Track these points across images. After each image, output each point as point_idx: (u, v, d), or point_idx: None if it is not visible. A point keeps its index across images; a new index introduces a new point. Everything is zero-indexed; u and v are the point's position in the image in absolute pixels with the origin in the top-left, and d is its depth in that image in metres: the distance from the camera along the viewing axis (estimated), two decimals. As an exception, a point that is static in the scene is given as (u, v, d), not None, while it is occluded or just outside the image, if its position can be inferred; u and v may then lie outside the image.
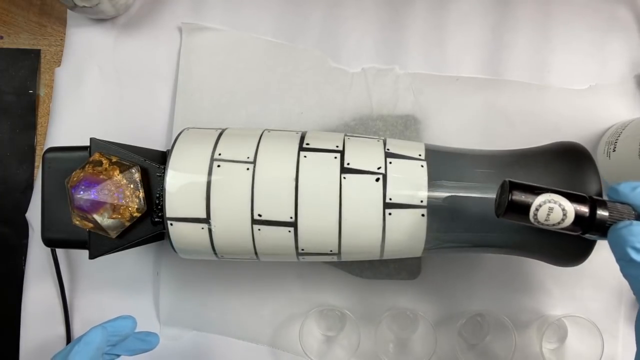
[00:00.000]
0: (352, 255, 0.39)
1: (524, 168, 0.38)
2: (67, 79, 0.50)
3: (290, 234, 0.36)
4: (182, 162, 0.37)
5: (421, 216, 0.36)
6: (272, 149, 0.38)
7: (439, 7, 0.50)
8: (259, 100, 0.49)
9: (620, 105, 0.48)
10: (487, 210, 0.35)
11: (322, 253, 0.38)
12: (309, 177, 0.36)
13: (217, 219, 0.36)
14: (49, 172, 0.41)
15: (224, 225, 0.36)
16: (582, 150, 0.37)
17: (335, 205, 0.36)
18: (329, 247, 0.37)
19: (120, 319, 0.39)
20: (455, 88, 0.49)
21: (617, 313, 0.46)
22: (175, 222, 0.37)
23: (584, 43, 0.49)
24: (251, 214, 0.36)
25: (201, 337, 0.48)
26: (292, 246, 0.37)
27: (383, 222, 0.36)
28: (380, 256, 0.39)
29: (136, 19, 0.51)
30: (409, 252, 0.38)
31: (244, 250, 0.38)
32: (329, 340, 0.47)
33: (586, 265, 0.46)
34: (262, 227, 0.36)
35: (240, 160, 0.37)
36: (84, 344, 0.35)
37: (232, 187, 0.36)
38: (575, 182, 0.36)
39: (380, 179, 0.36)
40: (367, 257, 0.40)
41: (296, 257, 0.39)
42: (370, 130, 0.48)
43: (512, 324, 0.44)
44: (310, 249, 0.38)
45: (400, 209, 0.36)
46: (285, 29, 0.50)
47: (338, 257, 0.39)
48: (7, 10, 0.52)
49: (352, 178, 0.36)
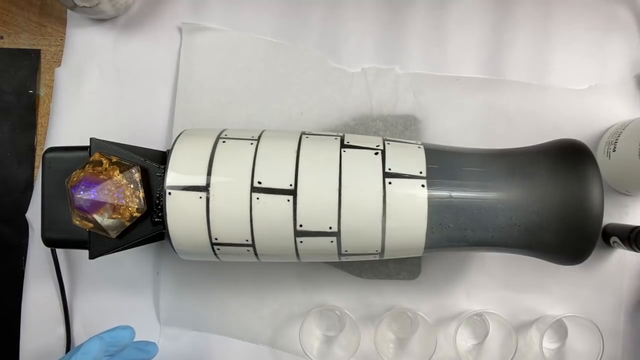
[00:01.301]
0: (352, 235, 0.37)
1: (524, 164, 0.38)
2: (67, 79, 0.50)
3: (289, 203, 0.36)
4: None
5: (421, 187, 0.36)
6: (276, 136, 0.39)
7: (438, 7, 0.50)
8: (259, 100, 0.49)
9: (620, 105, 0.48)
10: (487, 206, 0.35)
11: (321, 232, 0.37)
12: (310, 149, 0.37)
13: (217, 188, 0.36)
14: (49, 172, 0.41)
15: (222, 194, 0.36)
16: (583, 147, 0.37)
17: (335, 175, 0.36)
18: (329, 222, 0.36)
19: (119, 329, 0.39)
20: (455, 88, 0.49)
21: (617, 313, 0.46)
22: (174, 191, 0.37)
23: (584, 43, 0.49)
24: (251, 181, 0.36)
25: (201, 337, 0.48)
26: (290, 217, 0.36)
27: (383, 190, 0.36)
28: (382, 236, 0.37)
29: (136, 19, 0.51)
30: (411, 229, 0.37)
31: (241, 227, 0.37)
32: (329, 340, 0.47)
33: (586, 265, 0.46)
34: (261, 196, 0.36)
35: (244, 137, 0.38)
36: (81, 354, 0.35)
37: (235, 158, 0.37)
38: (576, 178, 0.36)
39: (380, 153, 0.37)
40: (368, 240, 0.37)
41: (293, 238, 0.37)
42: (370, 130, 0.48)
43: (512, 324, 0.44)
44: (309, 225, 0.36)
45: (400, 179, 0.36)
46: (285, 29, 0.50)
47: (337, 238, 0.37)
48: (7, 10, 0.52)
49: (352, 151, 0.37)
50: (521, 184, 0.36)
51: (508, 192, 0.36)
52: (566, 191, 0.35)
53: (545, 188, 0.36)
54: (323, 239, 0.37)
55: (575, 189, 0.35)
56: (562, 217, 0.35)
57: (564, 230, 0.36)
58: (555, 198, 0.35)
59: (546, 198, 0.36)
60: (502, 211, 0.36)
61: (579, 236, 0.35)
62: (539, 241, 0.37)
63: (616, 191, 0.46)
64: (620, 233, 0.43)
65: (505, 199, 0.36)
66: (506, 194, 0.36)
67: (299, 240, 0.37)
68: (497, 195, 0.36)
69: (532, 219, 0.36)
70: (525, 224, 0.36)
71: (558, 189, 0.36)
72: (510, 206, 0.36)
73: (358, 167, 0.36)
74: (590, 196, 0.35)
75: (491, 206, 0.34)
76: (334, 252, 0.38)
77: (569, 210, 0.35)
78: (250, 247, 0.38)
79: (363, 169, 0.37)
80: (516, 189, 0.36)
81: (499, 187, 0.36)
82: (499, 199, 0.36)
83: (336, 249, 0.38)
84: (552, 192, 0.36)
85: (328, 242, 0.37)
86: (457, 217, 0.36)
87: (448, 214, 0.36)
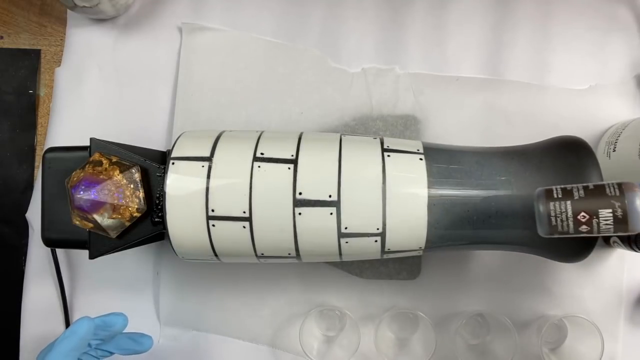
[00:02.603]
0: (352, 205, 0.36)
1: (524, 161, 0.38)
2: (67, 79, 0.50)
3: (289, 171, 0.36)
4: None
5: (419, 160, 0.37)
6: (276, 137, 0.40)
7: (438, 7, 0.50)
8: (259, 100, 0.49)
9: (620, 105, 0.48)
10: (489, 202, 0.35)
11: (320, 200, 0.36)
12: (311, 135, 0.39)
13: (219, 158, 0.37)
14: (49, 172, 0.41)
15: (224, 164, 0.37)
16: (582, 143, 0.38)
17: (336, 149, 0.38)
18: (329, 191, 0.36)
19: (112, 315, 0.39)
20: (455, 88, 0.49)
21: (617, 313, 0.46)
22: (177, 161, 0.37)
23: (584, 43, 0.49)
24: (254, 152, 0.37)
25: (201, 337, 0.48)
26: (290, 185, 0.36)
27: (382, 162, 0.37)
28: (383, 209, 0.36)
29: (136, 19, 0.51)
30: (412, 203, 0.36)
31: (240, 197, 0.36)
32: (329, 340, 0.47)
33: (586, 265, 0.46)
34: (262, 164, 0.37)
35: (243, 138, 0.39)
36: (70, 332, 0.37)
37: (238, 133, 0.40)
38: (576, 172, 0.36)
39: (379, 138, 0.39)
40: (369, 212, 0.36)
41: (292, 208, 0.36)
42: (370, 130, 0.48)
43: (512, 324, 0.44)
44: (309, 194, 0.36)
45: (398, 153, 0.38)
46: (285, 29, 0.50)
47: (337, 210, 0.36)
48: (7, 10, 0.52)
49: (351, 137, 0.40)
50: (522, 180, 0.36)
51: (508, 189, 0.36)
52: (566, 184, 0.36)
53: (545, 183, 0.36)
54: (322, 211, 0.36)
55: (576, 182, 0.35)
56: None
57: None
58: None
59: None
60: (502, 208, 0.36)
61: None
62: (540, 239, 0.37)
63: (616, 191, 0.46)
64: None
65: (503, 195, 0.36)
66: (506, 190, 0.36)
67: (297, 212, 0.36)
68: (496, 192, 0.36)
69: (532, 215, 0.36)
70: (525, 220, 0.36)
71: (558, 184, 0.36)
72: (510, 202, 0.36)
73: (358, 148, 0.38)
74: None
75: (491, 203, 0.34)
76: (334, 228, 0.37)
77: None
78: (247, 222, 0.37)
79: (363, 148, 0.39)
80: (517, 185, 0.36)
81: (499, 184, 0.36)
82: (498, 196, 0.36)
83: (335, 224, 0.37)
84: (551, 185, 0.36)
85: (327, 214, 0.36)
86: (456, 213, 0.36)
87: (448, 210, 0.36)
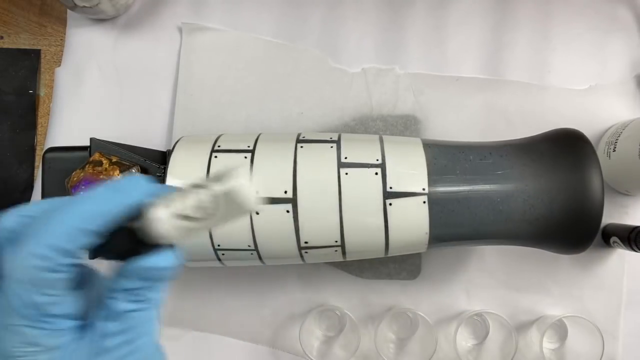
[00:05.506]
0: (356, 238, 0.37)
1: (523, 153, 0.38)
2: (67, 79, 0.50)
3: (289, 214, 0.36)
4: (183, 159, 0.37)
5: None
6: (272, 139, 0.39)
7: (438, 7, 0.50)
8: (259, 100, 0.49)
9: (620, 105, 0.48)
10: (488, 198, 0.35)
11: (326, 246, 0.37)
12: (307, 165, 0.37)
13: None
14: (49, 172, 0.41)
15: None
16: (579, 134, 0.38)
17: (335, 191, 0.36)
18: (334, 237, 0.36)
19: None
20: (455, 88, 0.49)
21: (617, 313, 0.46)
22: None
23: (584, 43, 0.49)
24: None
25: (201, 337, 0.48)
26: (292, 229, 0.36)
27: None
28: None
29: (136, 19, 0.51)
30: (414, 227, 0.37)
31: (243, 234, 0.36)
32: (329, 340, 0.47)
33: (586, 265, 0.46)
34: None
35: (239, 149, 0.38)
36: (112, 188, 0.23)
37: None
38: (575, 161, 0.36)
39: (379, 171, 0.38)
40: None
41: (298, 250, 0.37)
42: (370, 130, 0.48)
43: (512, 324, 0.44)
44: (314, 241, 0.37)
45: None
46: (285, 29, 0.50)
47: (342, 249, 0.37)
48: (7, 10, 0.52)
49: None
50: (521, 172, 0.37)
51: (506, 182, 0.36)
52: (566, 175, 0.36)
53: (544, 174, 0.36)
54: (328, 250, 0.38)
55: (575, 173, 0.36)
56: (564, 202, 0.36)
57: (565, 215, 0.36)
58: (556, 184, 0.36)
59: (546, 184, 0.36)
60: (502, 201, 0.36)
61: (580, 220, 0.35)
62: (541, 229, 0.37)
63: (616, 191, 0.46)
64: (620, 233, 0.43)
65: (501, 189, 0.36)
66: (504, 184, 0.36)
67: (304, 252, 0.38)
68: (495, 186, 0.36)
69: (534, 206, 0.36)
70: (526, 212, 0.36)
71: (558, 174, 0.36)
72: (510, 195, 0.36)
73: (358, 187, 0.36)
74: (590, 178, 0.35)
75: (491, 197, 0.34)
76: (339, 257, 0.39)
77: (569, 194, 0.35)
78: (253, 252, 0.38)
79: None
80: (516, 177, 0.36)
81: (497, 178, 0.36)
82: (497, 190, 0.36)
83: (341, 255, 0.38)
84: (551, 177, 0.36)
85: (332, 251, 0.38)
86: (458, 209, 0.36)
87: (449, 206, 0.36)
